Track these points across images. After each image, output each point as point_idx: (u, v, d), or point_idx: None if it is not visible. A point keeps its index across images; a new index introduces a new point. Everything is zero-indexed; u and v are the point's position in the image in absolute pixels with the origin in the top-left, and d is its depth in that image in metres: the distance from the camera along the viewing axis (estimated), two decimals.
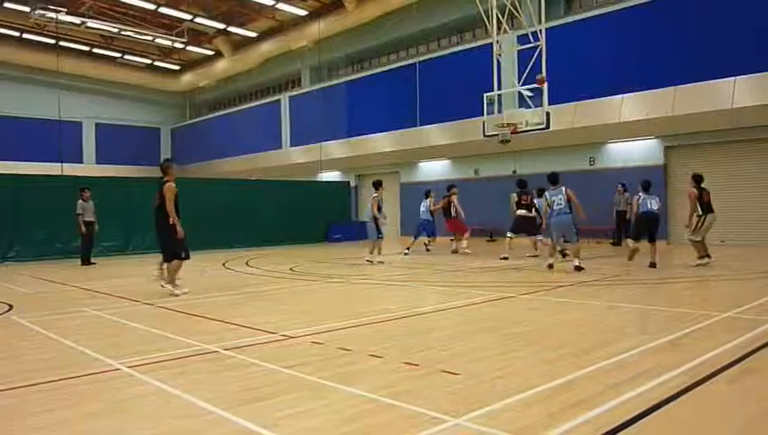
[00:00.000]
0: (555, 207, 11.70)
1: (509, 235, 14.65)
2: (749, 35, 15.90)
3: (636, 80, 17.71)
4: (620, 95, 17.95)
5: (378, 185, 14.39)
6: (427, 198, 17.36)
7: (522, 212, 14.44)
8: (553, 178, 12.01)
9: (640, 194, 11.95)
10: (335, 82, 29.42)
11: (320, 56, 29.85)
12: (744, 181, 17.07)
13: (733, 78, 15.78)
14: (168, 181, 9.02)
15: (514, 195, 14.82)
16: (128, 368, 4.70)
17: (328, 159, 27.37)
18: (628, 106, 17.91)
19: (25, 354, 5.45)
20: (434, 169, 25.36)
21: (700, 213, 11.69)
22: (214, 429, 3.44)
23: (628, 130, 18.35)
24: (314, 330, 6.11)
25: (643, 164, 18.65)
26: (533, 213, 14.46)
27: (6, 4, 26.58)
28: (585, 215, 11.83)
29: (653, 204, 11.76)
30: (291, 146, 31.22)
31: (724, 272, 11.01)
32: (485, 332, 6.04)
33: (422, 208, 17.20)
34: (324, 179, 28.99)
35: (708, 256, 11.77)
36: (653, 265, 11.46)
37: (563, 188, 11.76)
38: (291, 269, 13.19)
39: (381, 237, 14.23)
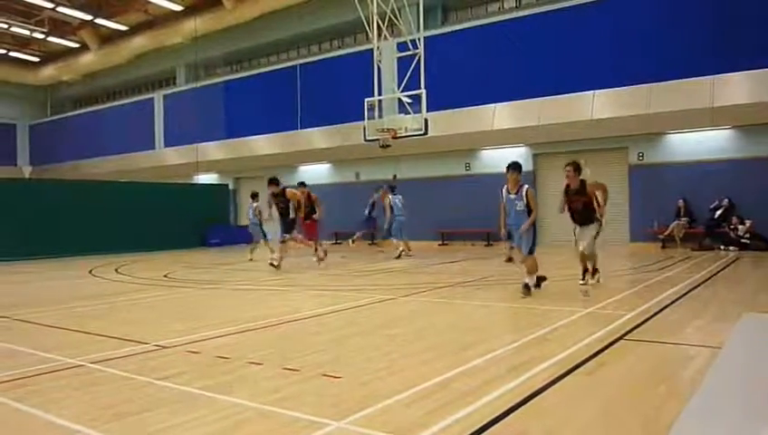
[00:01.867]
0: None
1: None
2: (606, 53, 17.31)
3: (507, 90, 18.70)
4: (493, 104, 18.87)
5: (255, 196, 15.42)
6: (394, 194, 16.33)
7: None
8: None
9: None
10: (213, 81, 28.55)
11: (196, 54, 28.80)
12: None
13: (592, 91, 17.10)
14: None
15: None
16: None
17: (205, 161, 26.47)
18: (500, 115, 18.87)
19: None
20: (315, 173, 25.28)
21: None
22: None
23: (500, 137, 19.33)
24: (190, 339, 5.86)
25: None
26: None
27: None
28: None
29: None
30: (165, 147, 29.87)
31: None
32: (366, 334, 6.09)
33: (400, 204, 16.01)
34: (201, 182, 27.98)
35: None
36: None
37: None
38: (165, 276, 12.60)
39: (269, 239, 15.09)
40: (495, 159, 20.50)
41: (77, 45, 32.02)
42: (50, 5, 26.59)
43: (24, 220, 18.03)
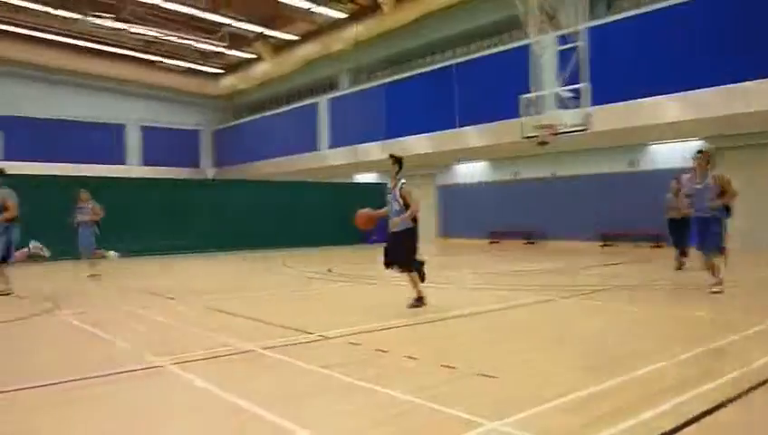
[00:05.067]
0: None
1: None
2: None
3: (680, 80, 17.28)
4: (664, 95, 17.54)
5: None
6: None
7: None
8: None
9: None
10: (373, 84, 29.52)
11: (358, 59, 29.96)
12: None
13: None
14: None
15: None
16: (171, 365, 4.81)
17: (365, 161, 27.49)
18: (670, 107, 17.50)
19: (72, 350, 5.65)
20: (472, 171, 25.24)
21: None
22: (250, 426, 3.51)
23: (672, 131, 17.93)
24: (351, 330, 6.14)
25: (687, 166, 18.21)
26: None
27: (59, 12, 27.46)
28: None
29: None
30: (328, 148, 31.45)
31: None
32: (524, 335, 5.98)
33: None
34: (361, 181, 29.12)
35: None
36: None
37: None
38: (328, 270, 13.28)
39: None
40: (664, 154, 19.08)
41: (253, 56, 34.76)
42: (228, 21, 29.17)
43: (208, 217, 20.01)
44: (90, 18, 26.92)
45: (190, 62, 36.01)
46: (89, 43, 31.53)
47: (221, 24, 29.61)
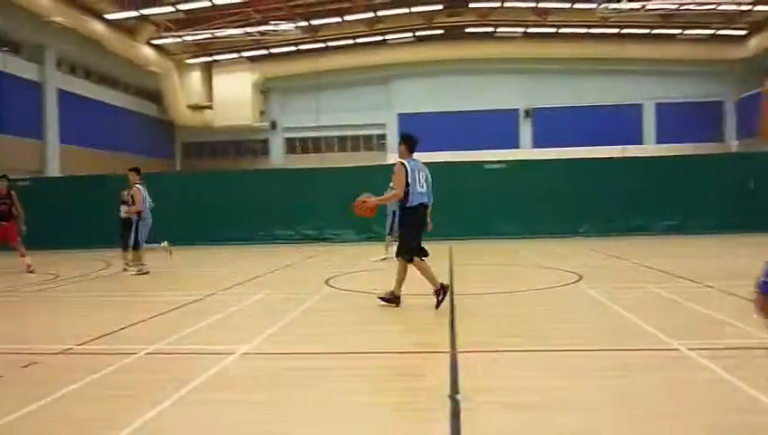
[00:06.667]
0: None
1: None
2: None
3: None
4: None
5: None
6: None
7: None
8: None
9: None
10: None
11: None
12: None
13: None
14: None
15: None
16: (687, 350, 4.67)
17: None
18: None
19: (588, 322, 6.10)
20: None
21: None
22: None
23: None
24: None
25: None
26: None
27: (576, 5, 29.56)
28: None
29: None
30: None
31: None
32: None
33: None
34: None
35: None
36: None
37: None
38: None
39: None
40: None
41: None
42: None
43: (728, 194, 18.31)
44: (603, 5, 27.86)
45: (710, 28, 33.37)
46: (603, 29, 32.81)
47: None
